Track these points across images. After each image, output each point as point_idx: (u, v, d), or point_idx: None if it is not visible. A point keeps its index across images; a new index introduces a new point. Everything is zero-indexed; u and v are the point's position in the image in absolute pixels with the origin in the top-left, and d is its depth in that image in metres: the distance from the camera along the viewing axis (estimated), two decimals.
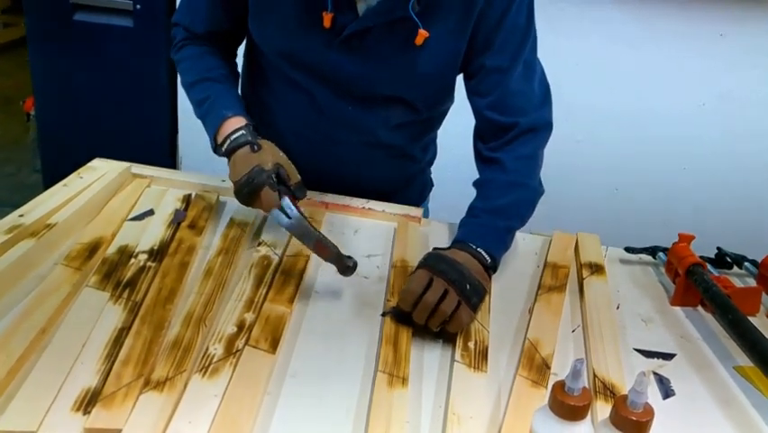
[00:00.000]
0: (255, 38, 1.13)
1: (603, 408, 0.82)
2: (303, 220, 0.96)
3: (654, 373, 0.93)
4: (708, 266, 1.13)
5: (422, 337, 0.93)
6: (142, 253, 1.02)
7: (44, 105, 2.61)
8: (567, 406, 0.66)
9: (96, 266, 0.98)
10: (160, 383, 0.77)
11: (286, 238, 1.10)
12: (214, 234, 1.12)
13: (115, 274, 0.96)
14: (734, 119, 2.31)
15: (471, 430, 0.77)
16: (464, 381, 0.85)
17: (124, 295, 0.92)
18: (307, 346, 0.90)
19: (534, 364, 0.89)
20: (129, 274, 0.97)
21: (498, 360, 0.92)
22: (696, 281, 1.07)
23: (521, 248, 1.19)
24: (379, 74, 1.10)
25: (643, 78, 2.29)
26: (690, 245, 1.16)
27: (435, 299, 0.90)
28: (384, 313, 0.96)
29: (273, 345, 0.86)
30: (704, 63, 2.24)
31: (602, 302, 1.05)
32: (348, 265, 0.96)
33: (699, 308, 1.10)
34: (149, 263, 1.00)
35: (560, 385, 0.67)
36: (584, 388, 0.67)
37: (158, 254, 1.02)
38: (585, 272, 1.13)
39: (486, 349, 0.91)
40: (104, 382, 0.77)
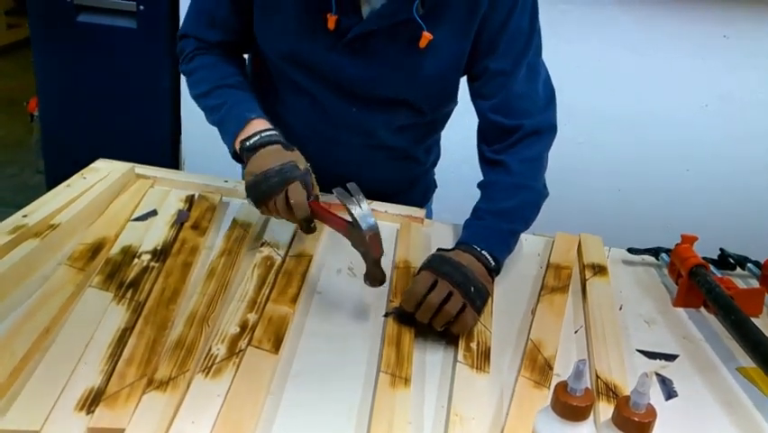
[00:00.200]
0: (259, 40, 1.13)
1: (605, 409, 0.82)
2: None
3: (657, 374, 0.93)
4: (711, 267, 1.13)
5: (424, 338, 0.93)
6: (146, 253, 1.02)
7: (48, 106, 2.62)
8: (569, 407, 0.66)
9: (100, 266, 0.98)
10: (163, 383, 0.77)
11: (288, 239, 1.10)
12: (217, 235, 1.12)
13: (119, 274, 0.97)
14: (736, 121, 2.30)
15: (474, 431, 0.77)
16: (467, 381, 0.85)
17: (128, 295, 0.93)
18: (310, 347, 0.90)
19: (537, 365, 0.89)
20: (132, 274, 0.97)
21: (501, 361, 0.92)
22: (699, 283, 1.07)
23: (524, 249, 1.19)
24: (383, 77, 1.09)
25: (645, 80, 2.28)
26: (693, 246, 1.15)
27: (439, 300, 0.90)
28: (387, 314, 0.96)
29: (276, 345, 0.86)
30: (707, 65, 2.24)
31: (605, 303, 1.05)
32: (377, 278, 0.95)
33: (702, 310, 1.10)
34: (152, 264, 1.00)
35: (562, 386, 0.67)
36: (587, 389, 0.66)
37: (161, 255, 1.03)
38: (588, 273, 1.13)
39: (488, 350, 0.91)
40: (107, 382, 0.77)
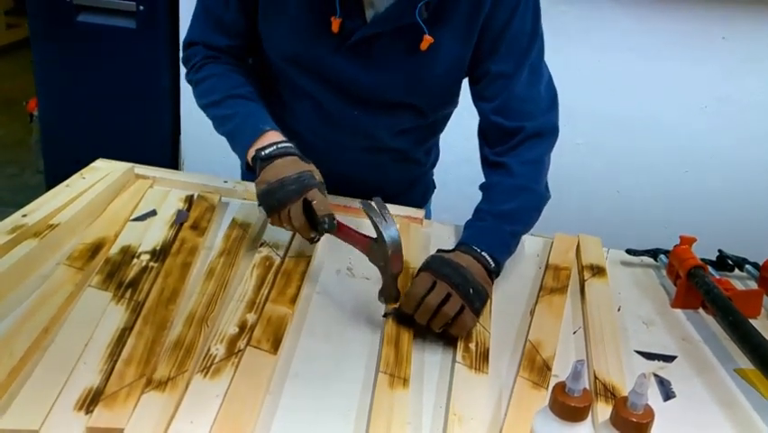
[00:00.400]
0: (263, 42, 1.12)
1: (604, 409, 0.82)
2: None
3: (655, 375, 0.93)
4: (710, 268, 1.13)
5: (423, 338, 0.94)
6: (145, 253, 1.02)
7: (47, 106, 2.62)
8: (568, 407, 0.66)
9: (99, 266, 0.98)
10: (162, 383, 0.77)
11: (287, 239, 1.10)
12: (217, 235, 1.12)
13: (118, 274, 0.97)
14: (735, 122, 2.31)
15: (472, 431, 0.77)
16: (465, 382, 0.85)
17: (127, 295, 0.93)
18: (309, 347, 0.90)
19: (536, 366, 0.89)
20: (131, 274, 0.97)
21: (500, 361, 0.92)
22: (697, 284, 1.07)
23: (523, 250, 1.19)
24: (386, 80, 1.09)
25: (644, 82, 2.29)
26: (692, 248, 1.16)
27: (438, 302, 0.90)
28: (386, 314, 0.96)
29: (275, 345, 0.86)
30: (705, 67, 2.25)
31: (603, 304, 1.05)
32: (393, 295, 0.94)
33: (701, 311, 1.11)
34: (151, 264, 1.00)
35: (560, 386, 0.67)
36: (585, 389, 0.67)
37: (160, 255, 1.03)
38: (586, 274, 1.13)
39: (487, 350, 0.92)
40: (106, 382, 0.77)
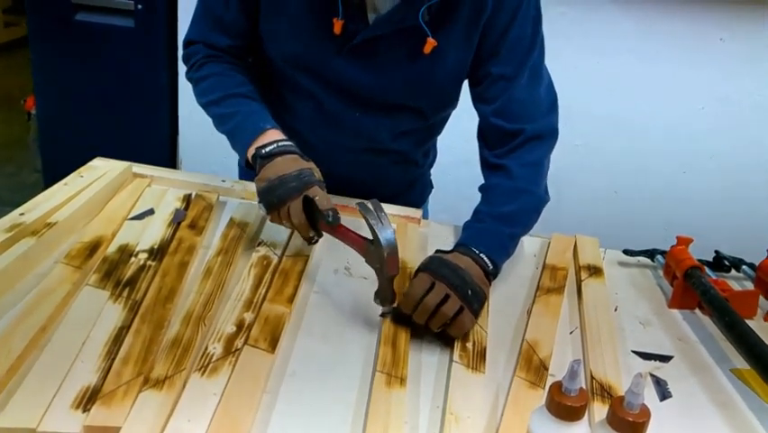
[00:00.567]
0: (265, 43, 1.12)
1: (600, 409, 0.82)
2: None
3: (652, 375, 0.94)
4: (706, 269, 1.13)
5: (420, 338, 0.94)
6: (142, 252, 1.03)
7: (45, 105, 2.62)
8: (564, 406, 0.66)
9: (97, 265, 0.99)
10: (159, 382, 0.77)
11: (285, 239, 1.10)
12: (214, 234, 1.12)
13: (115, 273, 0.97)
14: (733, 123, 2.31)
15: (469, 430, 0.77)
16: (462, 381, 0.85)
17: (124, 294, 0.93)
18: (306, 346, 0.90)
19: (532, 366, 0.90)
20: (129, 273, 0.97)
21: (496, 361, 0.92)
22: (694, 284, 1.08)
23: (520, 250, 1.19)
24: (388, 82, 1.09)
25: (642, 82, 2.29)
26: (689, 248, 1.16)
27: (436, 303, 0.90)
28: (383, 314, 0.96)
29: (272, 344, 0.86)
30: (703, 67, 2.25)
31: (600, 304, 1.05)
32: (388, 297, 0.94)
33: (697, 311, 1.11)
34: (149, 263, 1.00)
35: (557, 386, 0.67)
36: (581, 389, 0.67)
37: (158, 254, 1.03)
38: (583, 274, 1.13)
39: (484, 350, 0.92)
40: (103, 380, 0.77)
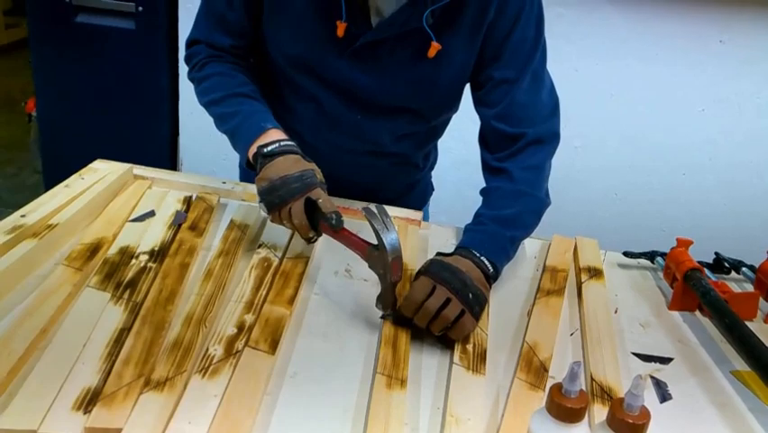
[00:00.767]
0: (267, 44, 1.12)
1: (600, 411, 0.82)
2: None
3: (652, 377, 0.94)
4: (706, 271, 1.13)
5: (421, 340, 0.94)
6: (143, 253, 1.03)
7: (46, 107, 2.62)
8: (564, 408, 0.66)
9: (97, 267, 0.99)
10: (160, 383, 0.78)
11: (286, 240, 1.11)
12: (215, 236, 1.12)
13: (116, 275, 0.97)
14: (732, 125, 2.31)
15: (469, 432, 0.77)
16: (462, 383, 0.85)
17: (125, 296, 0.93)
18: (307, 348, 0.90)
19: (533, 367, 0.90)
20: (130, 275, 0.97)
21: (497, 363, 0.92)
22: (694, 286, 1.08)
23: (520, 251, 1.20)
24: (390, 85, 1.09)
25: (642, 84, 2.29)
26: (689, 250, 1.16)
27: (437, 306, 0.90)
28: (383, 316, 0.96)
29: (273, 346, 0.86)
30: (703, 69, 2.25)
31: (600, 306, 1.05)
32: (390, 302, 0.94)
33: (697, 313, 1.11)
34: (150, 264, 1.00)
35: (557, 388, 0.67)
36: (581, 391, 0.67)
37: (158, 255, 1.03)
38: (584, 276, 1.13)
39: (484, 352, 0.92)
40: (104, 382, 0.77)
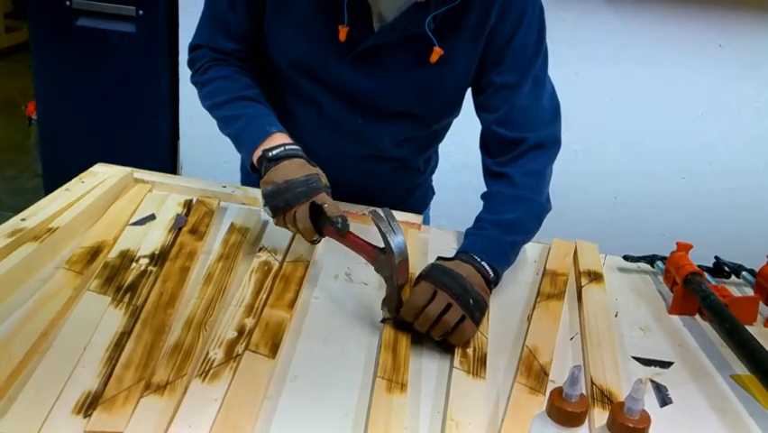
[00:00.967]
0: (269, 45, 1.12)
1: (600, 415, 0.82)
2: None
3: (652, 381, 0.94)
4: (706, 275, 1.13)
5: (421, 344, 0.94)
6: (144, 257, 1.03)
7: (46, 110, 2.62)
8: (564, 412, 0.66)
9: (98, 270, 0.99)
10: (160, 387, 0.78)
11: (286, 244, 1.11)
12: (215, 240, 1.12)
13: (117, 278, 0.97)
14: (732, 129, 2.32)
15: None
16: (463, 387, 0.85)
17: (125, 299, 0.93)
18: (307, 352, 0.90)
19: (533, 371, 0.90)
20: (130, 279, 0.97)
21: (497, 367, 0.92)
22: (694, 290, 1.08)
23: (520, 255, 1.19)
24: (391, 90, 1.10)
25: (641, 88, 2.30)
26: (689, 254, 1.16)
27: (438, 312, 0.90)
28: (384, 320, 0.96)
29: (273, 349, 0.86)
30: (702, 74, 2.26)
31: (600, 310, 1.05)
32: (395, 305, 0.94)
33: (697, 317, 1.11)
34: (150, 268, 1.00)
35: (557, 392, 0.67)
36: (581, 395, 0.67)
37: (159, 259, 1.03)
38: (584, 280, 1.13)
39: (484, 356, 0.92)
40: (104, 386, 0.77)
